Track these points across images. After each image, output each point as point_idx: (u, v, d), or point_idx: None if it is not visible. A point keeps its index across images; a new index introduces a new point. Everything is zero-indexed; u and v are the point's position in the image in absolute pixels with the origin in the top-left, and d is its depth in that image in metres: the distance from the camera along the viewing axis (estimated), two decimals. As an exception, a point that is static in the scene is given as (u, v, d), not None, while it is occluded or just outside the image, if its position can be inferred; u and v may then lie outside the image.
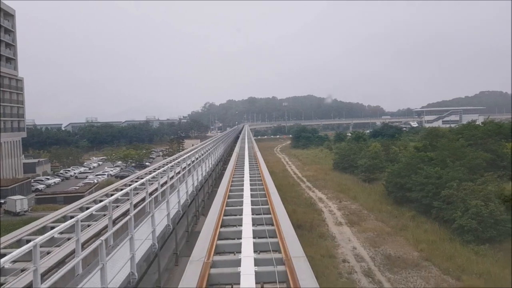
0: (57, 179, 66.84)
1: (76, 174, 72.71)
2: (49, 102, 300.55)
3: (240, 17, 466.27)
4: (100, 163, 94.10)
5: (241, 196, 12.96)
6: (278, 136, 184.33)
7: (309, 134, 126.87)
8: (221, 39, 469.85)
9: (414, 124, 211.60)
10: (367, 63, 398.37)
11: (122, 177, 59.27)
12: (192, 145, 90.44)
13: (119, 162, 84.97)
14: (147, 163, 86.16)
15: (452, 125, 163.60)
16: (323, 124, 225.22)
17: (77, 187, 53.67)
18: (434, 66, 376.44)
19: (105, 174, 68.52)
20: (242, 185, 15.56)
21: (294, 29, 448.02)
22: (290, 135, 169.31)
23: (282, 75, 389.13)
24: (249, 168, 19.08)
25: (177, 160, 15.41)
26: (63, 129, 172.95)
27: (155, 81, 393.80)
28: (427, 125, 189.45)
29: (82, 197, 24.23)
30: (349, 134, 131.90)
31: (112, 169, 78.13)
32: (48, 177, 67.56)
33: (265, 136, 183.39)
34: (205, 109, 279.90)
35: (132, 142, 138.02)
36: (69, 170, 75.79)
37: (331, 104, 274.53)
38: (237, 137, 75.89)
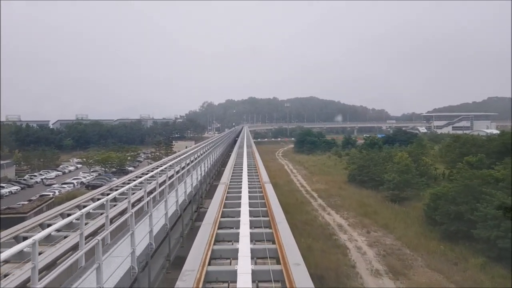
0: (15, 187, 54.91)
1: (41, 181, 60.68)
2: (47, 100, 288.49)
3: (241, 17, 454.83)
4: (79, 166, 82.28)
5: None
6: (279, 139, 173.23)
7: (314, 138, 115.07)
8: (223, 38, 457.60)
9: (423, 129, 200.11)
10: (371, 66, 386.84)
11: (94, 187, 47.80)
12: (186, 147, 78.68)
13: (99, 166, 73.06)
14: (130, 168, 74.57)
15: (466, 132, 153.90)
16: (327, 128, 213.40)
17: (25, 203, 41.77)
18: (439, 70, 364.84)
19: (72, 183, 56.45)
20: None
21: (297, 30, 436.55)
22: (292, 138, 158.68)
23: (283, 76, 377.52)
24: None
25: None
26: (51, 126, 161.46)
27: (153, 79, 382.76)
28: (439, 131, 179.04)
29: (23, 219, 16.97)
30: (359, 139, 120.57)
31: (87, 175, 66.36)
32: (4, 184, 55.59)
33: (266, 139, 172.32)
34: (203, 108, 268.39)
35: (122, 142, 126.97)
36: (35, 175, 63.83)
37: (334, 107, 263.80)
38: (234, 142, 64.16)
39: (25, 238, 8.79)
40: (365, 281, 25.18)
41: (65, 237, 8.93)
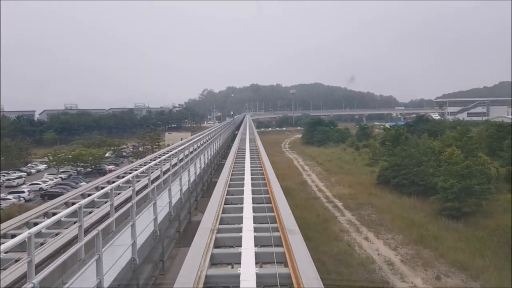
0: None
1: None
2: (40, 90, 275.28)
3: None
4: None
5: None
6: (284, 128, 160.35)
7: (326, 127, 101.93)
8: (223, 21, 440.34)
9: (436, 116, 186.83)
10: (377, 51, 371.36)
11: (52, 196, 35.20)
12: (181, 139, 66.14)
13: (70, 166, 60.49)
14: (109, 167, 62.12)
15: (485, 118, 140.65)
16: (334, 115, 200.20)
17: None
18: (448, 54, 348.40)
19: (22, 192, 43.59)
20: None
21: (300, 12, 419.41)
22: (298, 127, 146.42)
23: (287, 61, 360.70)
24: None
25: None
26: (37, 116, 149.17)
27: (152, 68, 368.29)
28: (452, 118, 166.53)
29: None
30: (375, 128, 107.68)
31: (53, 177, 53.93)
32: None
33: (269, 128, 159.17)
34: (203, 96, 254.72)
35: (112, 133, 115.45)
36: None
37: (341, 93, 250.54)
38: (232, 137, 51.36)
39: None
40: None
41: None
